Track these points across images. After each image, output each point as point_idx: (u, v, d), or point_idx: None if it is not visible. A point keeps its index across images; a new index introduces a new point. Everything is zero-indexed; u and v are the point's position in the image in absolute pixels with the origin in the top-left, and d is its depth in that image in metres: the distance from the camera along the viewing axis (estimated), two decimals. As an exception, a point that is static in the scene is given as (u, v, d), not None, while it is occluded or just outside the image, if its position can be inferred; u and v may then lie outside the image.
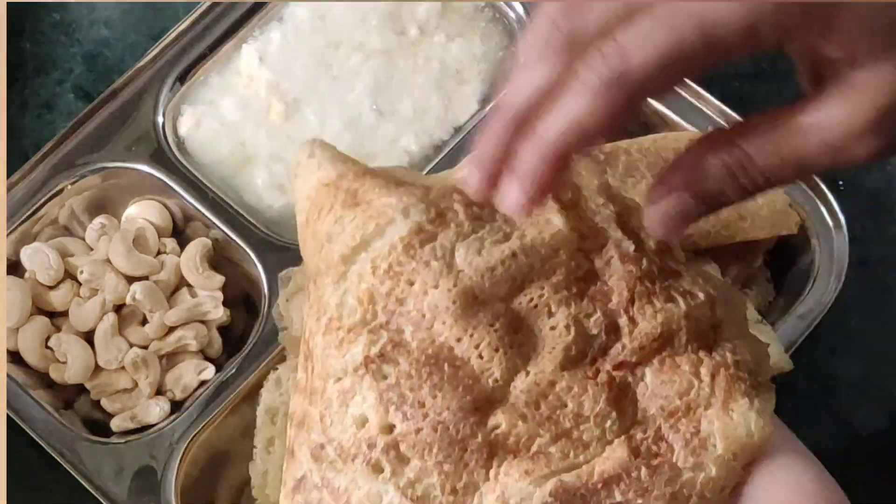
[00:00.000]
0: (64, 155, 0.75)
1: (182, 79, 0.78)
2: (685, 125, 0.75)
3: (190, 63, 0.78)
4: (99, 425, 0.71)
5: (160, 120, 0.77)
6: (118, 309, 0.72)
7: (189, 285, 0.74)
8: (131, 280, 0.73)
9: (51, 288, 0.73)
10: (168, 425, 0.69)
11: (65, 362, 0.71)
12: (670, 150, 0.69)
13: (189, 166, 0.75)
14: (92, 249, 0.74)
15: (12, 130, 0.82)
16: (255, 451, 0.66)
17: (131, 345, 0.72)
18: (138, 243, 0.74)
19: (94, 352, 0.71)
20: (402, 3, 0.80)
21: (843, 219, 0.73)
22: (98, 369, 0.71)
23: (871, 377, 0.77)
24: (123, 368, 0.71)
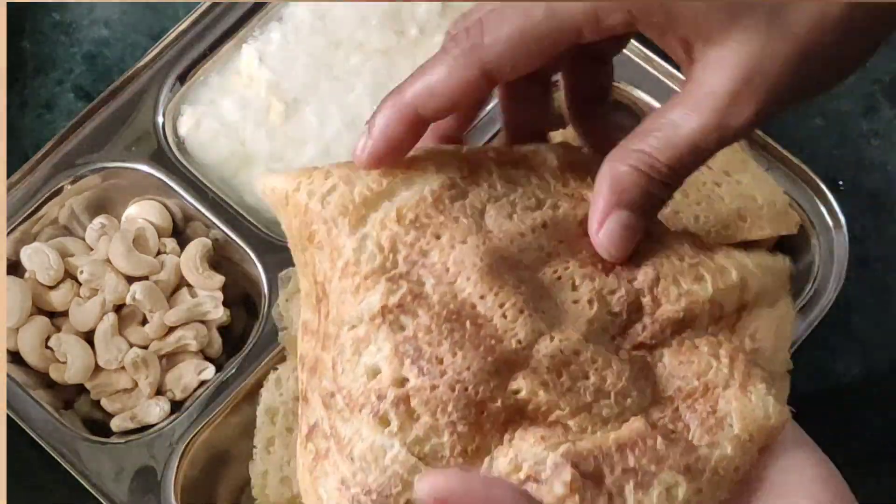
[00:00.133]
0: (64, 155, 0.75)
1: (182, 79, 0.78)
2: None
3: (190, 63, 0.78)
4: (99, 425, 0.71)
5: (160, 120, 0.76)
6: (118, 309, 0.72)
7: (189, 285, 0.74)
8: (131, 280, 0.73)
9: (51, 288, 0.73)
10: (168, 425, 0.69)
11: (65, 362, 0.71)
12: None
13: (189, 166, 0.75)
14: (92, 249, 0.74)
15: (12, 130, 0.82)
16: (255, 451, 0.66)
17: (131, 345, 0.72)
18: (138, 243, 0.73)
19: (94, 352, 0.71)
20: (402, 3, 0.80)
21: (843, 219, 0.73)
22: (98, 369, 0.71)
23: (871, 377, 0.77)
24: (123, 368, 0.71)
